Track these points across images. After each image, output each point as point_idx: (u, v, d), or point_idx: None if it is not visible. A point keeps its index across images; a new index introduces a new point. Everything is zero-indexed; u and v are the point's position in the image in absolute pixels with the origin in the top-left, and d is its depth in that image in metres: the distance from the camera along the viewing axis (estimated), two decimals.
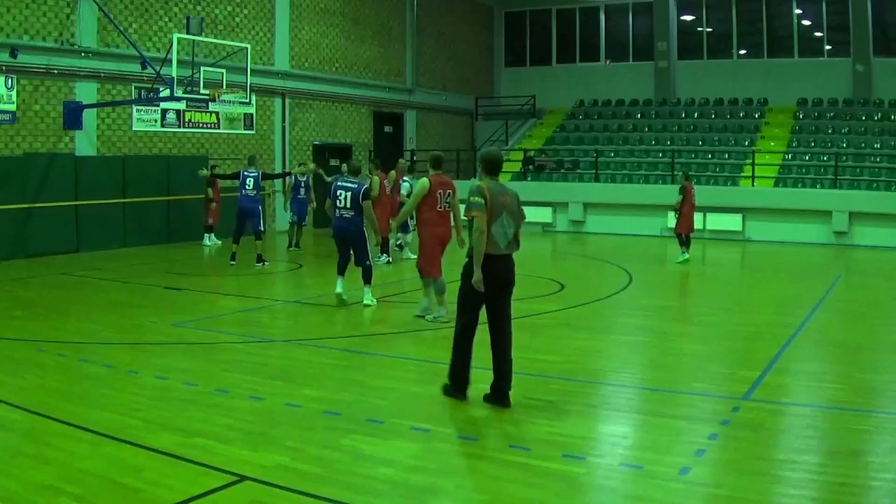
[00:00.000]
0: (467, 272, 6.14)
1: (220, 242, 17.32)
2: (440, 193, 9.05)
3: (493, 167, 6.34)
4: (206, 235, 17.51)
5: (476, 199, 6.04)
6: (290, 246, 16.83)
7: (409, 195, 12.74)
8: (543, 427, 5.67)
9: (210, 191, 17.14)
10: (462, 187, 8.86)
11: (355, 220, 9.91)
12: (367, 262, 10.16)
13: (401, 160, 16.32)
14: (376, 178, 14.07)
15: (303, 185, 16.74)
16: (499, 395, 6.13)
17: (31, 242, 15.28)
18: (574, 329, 9.31)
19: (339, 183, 10.11)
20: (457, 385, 6.31)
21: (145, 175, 17.26)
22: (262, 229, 14.47)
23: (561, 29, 29.37)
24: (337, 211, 9.92)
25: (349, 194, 9.84)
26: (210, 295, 11.61)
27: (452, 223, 9.21)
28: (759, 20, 26.22)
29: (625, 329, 9.53)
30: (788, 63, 25.61)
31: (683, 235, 15.31)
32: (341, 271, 10.29)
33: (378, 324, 9.61)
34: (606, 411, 6.42)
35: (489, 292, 6.07)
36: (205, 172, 15.75)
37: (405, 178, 14.98)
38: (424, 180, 9.16)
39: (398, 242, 15.31)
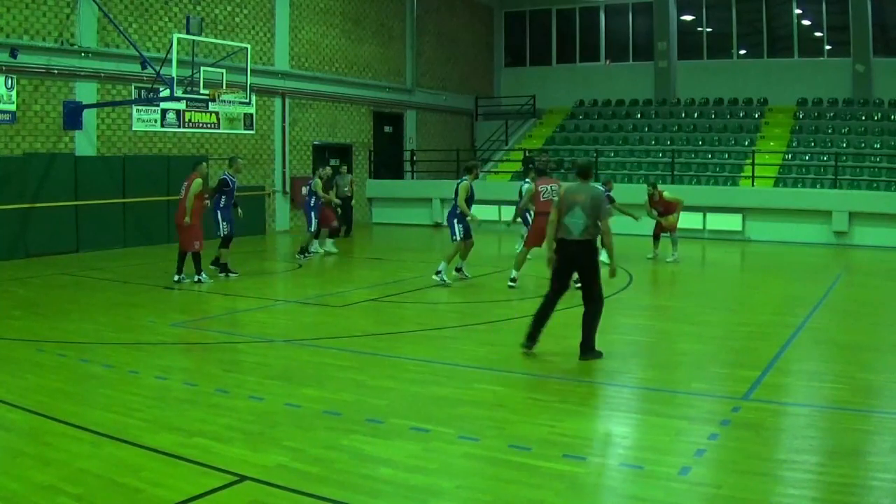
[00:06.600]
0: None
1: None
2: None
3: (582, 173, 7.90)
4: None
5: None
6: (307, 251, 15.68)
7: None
8: (543, 427, 5.67)
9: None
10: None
11: None
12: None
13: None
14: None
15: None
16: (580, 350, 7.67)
17: (31, 242, 15.28)
18: (574, 329, 9.27)
19: None
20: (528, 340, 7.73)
21: (145, 175, 17.24)
22: (224, 234, 12.79)
23: (561, 29, 29.37)
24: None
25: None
26: (210, 295, 11.61)
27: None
28: (759, 20, 26.22)
29: (625, 329, 9.52)
30: (788, 63, 25.61)
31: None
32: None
33: (378, 324, 9.61)
34: (606, 411, 6.42)
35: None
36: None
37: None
38: (199, 180, 12.08)
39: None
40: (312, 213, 15.39)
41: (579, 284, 11.20)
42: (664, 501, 4.49)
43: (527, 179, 15.71)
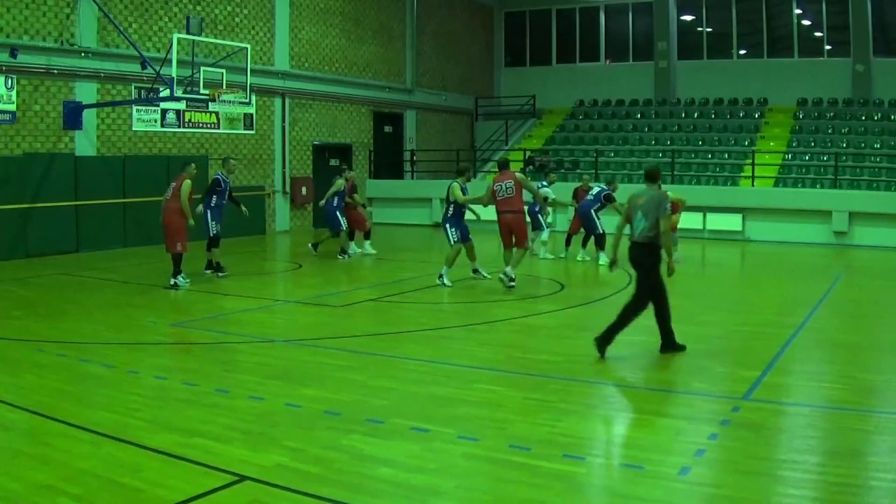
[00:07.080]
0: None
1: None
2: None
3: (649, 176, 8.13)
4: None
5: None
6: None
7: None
8: (543, 427, 5.67)
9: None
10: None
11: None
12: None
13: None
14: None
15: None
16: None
17: (31, 242, 15.28)
18: (574, 329, 9.30)
19: None
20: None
21: (145, 175, 17.22)
22: (213, 235, 12.81)
23: (561, 29, 29.36)
24: None
25: None
26: (210, 295, 11.60)
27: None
28: (759, 20, 26.22)
29: (625, 329, 9.51)
30: (788, 63, 25.61)
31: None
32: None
33: (378, 324, 9.61)
34: (606, 411, 6.42)
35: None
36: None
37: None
38: (188, 181, 11.78)
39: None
40: (337, 213, 15.34)
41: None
42: (664, 501, 4.49)
43: (544, 182, 15.72)
